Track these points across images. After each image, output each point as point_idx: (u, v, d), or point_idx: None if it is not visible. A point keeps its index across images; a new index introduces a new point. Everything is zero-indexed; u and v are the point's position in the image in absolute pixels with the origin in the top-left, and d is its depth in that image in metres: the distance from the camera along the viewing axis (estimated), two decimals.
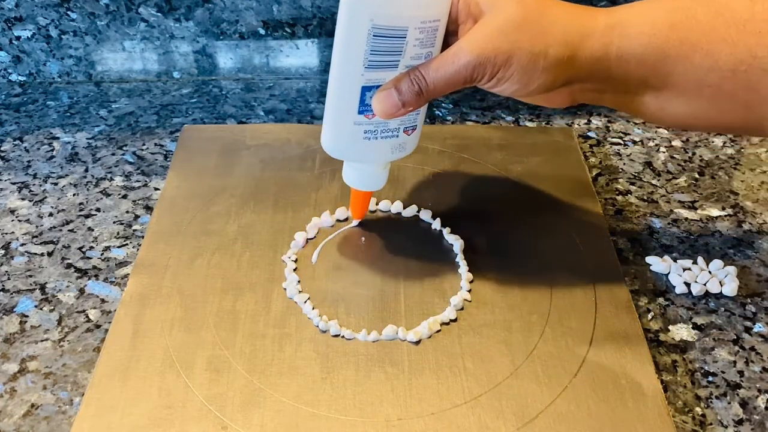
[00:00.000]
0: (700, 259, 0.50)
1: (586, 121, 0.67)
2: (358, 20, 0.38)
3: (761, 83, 0.39)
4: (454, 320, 0.45)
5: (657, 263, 0.50)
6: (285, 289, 0.47)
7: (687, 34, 0.39)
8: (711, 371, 0.43)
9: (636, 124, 0.67)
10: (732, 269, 0.49)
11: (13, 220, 0.54)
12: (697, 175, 0.60)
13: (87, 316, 0.46)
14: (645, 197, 0.57)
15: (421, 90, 0.40)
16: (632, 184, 0.59)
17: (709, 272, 0.49)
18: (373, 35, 0.39)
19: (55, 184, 0.58)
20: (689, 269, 0.49)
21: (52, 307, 0.46)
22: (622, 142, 0.64)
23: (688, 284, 0.49)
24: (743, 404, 0.41)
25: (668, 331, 0.46)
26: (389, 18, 0.38)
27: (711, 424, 0.40)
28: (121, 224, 0.53)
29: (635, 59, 0.40)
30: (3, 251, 0.51)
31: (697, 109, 0.41)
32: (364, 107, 0.42)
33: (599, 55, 0.40)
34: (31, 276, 0.49)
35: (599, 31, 0.40)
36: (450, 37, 0.42)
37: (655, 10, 0.40)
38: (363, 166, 0.47)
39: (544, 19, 0.39)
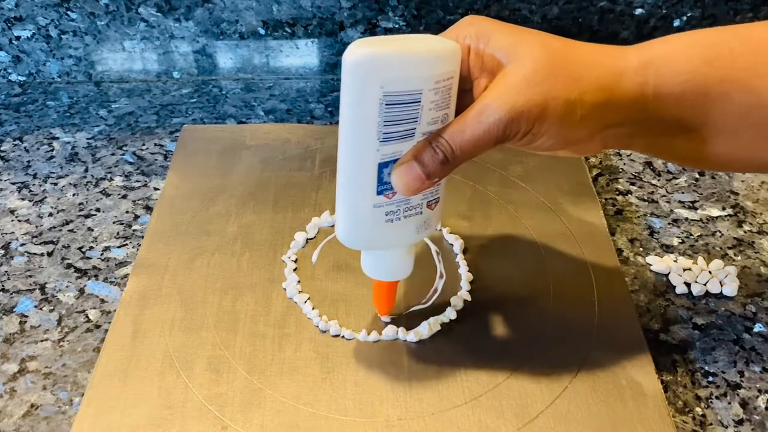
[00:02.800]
0: (700, 259, 0.50)
1: None
2: (368, 90, 0.34)
3: None
4: (454, 320, 0.45)
5: (657, 263, 0.50)
6: (285, 289, 0.47)
7: (726, 71, 0.36)
8: (711, 371, 0.43)
9: None
10: (732, 269, 0.49)
11: (12, 220, 0.54)
12: (697, 175, 0.60)
13: (87, 316, 0.46)
14: (645, 197, 0.57)
15: (446, 158, 0.36)
16: (632, 184, 0.59)
17: (709, 272, 0.49)
18: (386, 104, 0.34)
19: (55, 184, 0.58)
20: (689, 269, 0.49)
21: (52, 307, 0.46)
22: None
23: (688, 284, 0.49)
24: (743, 404, 0.41)
25: (668, 331, 0.46)
26: (401, 83, 0.34)
27: (711, 424, 0.40)
28: (121, 224, 0.53)
29: (673, 98, 0.36)
30: (3, 251, 0.51)
31: (736, 148, 0.38)
32: (383, 186, 0.37)
33: (635, 96, 0.36)
34: (30, 276, 0.49)
35: (632, 70, 0.36)
36: (463, 95, 0.38)
37: (691, 46, 0.37)
38: (386, 253, 0.41)
39: (573, 63, 0.36)
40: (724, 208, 0.56)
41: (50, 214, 0.54)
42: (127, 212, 0.55)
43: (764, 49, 0.36)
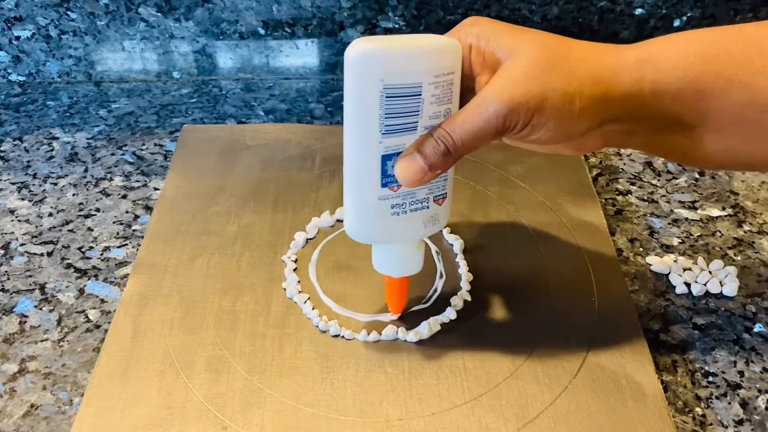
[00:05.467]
0: (700, 259, 0.50)
1: None
2: (368, 83, 0.35)
3: None
4: (454, 320, 0.45)
5: (657, 263, 0.50)
6: (285, 289, 0.47)
7: (722, 67, 0.37)
8: (711, 371, 0.43)
9: None
10: (732, 269, 0.49)
11: (12, 220, 0.54)
12: (697, 175, 0.60)
13: (87, 316, 0.46)
14: (645, 197, 0.57)
15: (447, 149, 0.37)
16: (632, 184, 0.59)
17: (709, 272, 0.49)
18: (386, 96, 0.35)
19: (55, 184, 0.58)
20: (689, 269, 0.49)
21: (52, 307, 0.46)
22: None
23: (688, 284, 0.49)
24: (743, 404, 0.41)
25: (668, 331, 0.46)
26: (401, 75, 0.35)
27: (711, 424, 0.40)
28: (121, 224, 0.53)
29: (670, 95, 0.37)
30: (3, 251, 0.51)
31: (733, 145, 0.38)
32: (387, 179, 0.38)
33: (633, 91, 0.37)
34: (30, 276, 0.49)
35: (630, 66, 0.37)
36: (466, 93, 0.38)
37: (687, 44, 0.38)
38: (395, 248, 0.42)
39: (570, 58, 0.37)
40: (724, 208, 0.56)
41: (50, 214, 0.54)
42: (127, 212, 0.55)
43: (757, 48, 0.37)
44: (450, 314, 0.45)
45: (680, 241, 0.53)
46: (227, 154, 0.59)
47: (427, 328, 0.44)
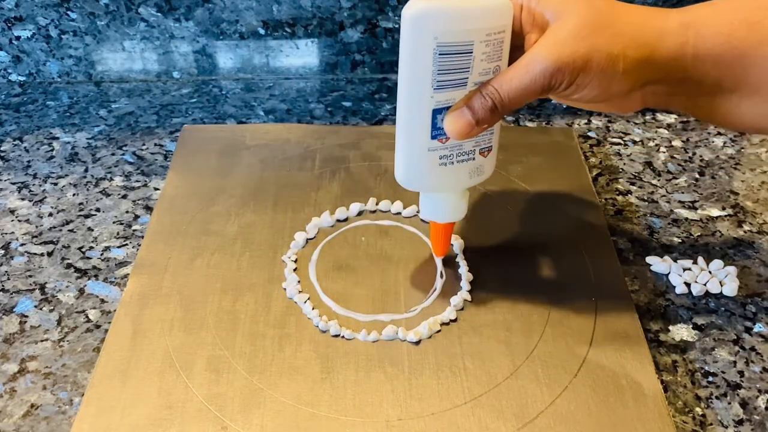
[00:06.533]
0: (700, 259, 0.50)
1: (586, 121, 0.67)
2: (423, 40, 0.37)
3: None
4: (454, 320, 0.45)
5: (657, 263, 0.50)
6: (285, 289, 0.47)
7: (765, 34, 0.38)
8: (711, 371, 0.43)
9: (636, 123, 0.67)
10: (732, 269, 0.49)
11: (13, 220, 0.54)
12: (697, 175, 0.60)
13: (87, 316, 0.46)
14: (645, 197, 0.57)
15: (495, 105, 0.38)
16: (632, 184, 0.59)
17: (709, 272, 0.49)
18: (439, 53, 0.37)
19: (55, 184, 0.58)
20: (689, 269, 0.49)
21: (52, 307, 0.46)
22: (622, 142, 0.64)
23: (688, 284, 0.49)
24: (743, 404, 0.41)
25: (668, 331, 0.46)
26: (454, 34, 0.37)
27: (711, 424, 0.40)
28: (121, 224, 0.53)
29: (711, 59, 0.38)
30: (3, 251, 0.51)
31: None
32: (437, 131, 0.40)
33: (675, 55, 0.38)
34: (30, 276, 0.49)
35: (674, 31, 0.38)
36: (515, 51, 0.40)
37: (732, 11, 0.39)
38: (441, 195, 0.44)
39: (617, 20, 0.38)
40: (724, 208, 0.56)
41: (50, 214, 0.54)
42: (127, 212, 0.55)
43: None
44: (450, 314, 0.45)
45: (680, 241, 0.53)
46: (227, 154, 0.59)
47: (427, 328, 0.44)
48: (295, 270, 0.48)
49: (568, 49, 0.37)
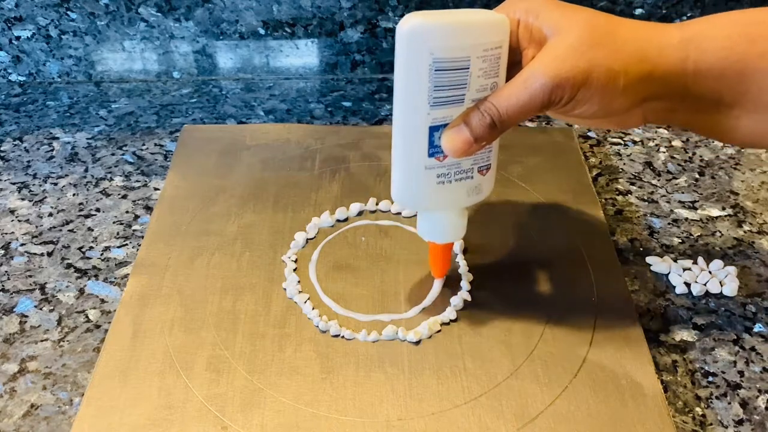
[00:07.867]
0: (700, 259, 0.50)
1: None
2: (418, 56, 0.36)
3: None
4: (454, 320, 0.45)
5: (657, 263, 0.50)
6: (285, 289, 0.47)
7: (765, 48, 0.37)
8: (711, 371, 0.43)
9: None
10: (732, 269, 0.49)
11: (13, 220, 0.54)
12: (697, 175, 0.60)
13: (87, 317, 0.46)
14: (645, 197, 0.57)
15: (493, 121, 0.38)
16: (632, 184, 0.59)
17: (709, 272, 0.49)
18: (435, 70, 0.36)
19: (55, 184, 0.58)
20: (689, 269, 0.49)
21: (52, 307, 0.46)
22: (622, 142, 0.64)
23: (688, 284, 0.49)
24: (743, 404, 0.41)
25: (668, 331, 0.46)
26: (450, 50, 0.36)
27: (711, 424, 0.40)
28: (121, 224, 0.53)
29: (712, 74, 0.38)
30: (3, 251, 0.51)
31: None
32: (434, 149, 0.39)
33: (676, 70, 0.38)
34: (30, 276, 0.49)
35: (674, 46, 0.38)
36: (513, 67, 0.39)
37: (732, 25, 0.39)
38: (439, 215, 0.43)
39: (616, 36, 0.37)
40: (724, 208, 0.56)
41: (50, 214, 0.54)
42: (127, 212, 0.55)
43: None
44: (450, 314, 0.45)
45: (680, 241, 0.53)
46: (227, 154, 0.59)
47: (427, 328, 0.44)
48: (295, 270, 0.48)
49: (568, 65, 0.36)
